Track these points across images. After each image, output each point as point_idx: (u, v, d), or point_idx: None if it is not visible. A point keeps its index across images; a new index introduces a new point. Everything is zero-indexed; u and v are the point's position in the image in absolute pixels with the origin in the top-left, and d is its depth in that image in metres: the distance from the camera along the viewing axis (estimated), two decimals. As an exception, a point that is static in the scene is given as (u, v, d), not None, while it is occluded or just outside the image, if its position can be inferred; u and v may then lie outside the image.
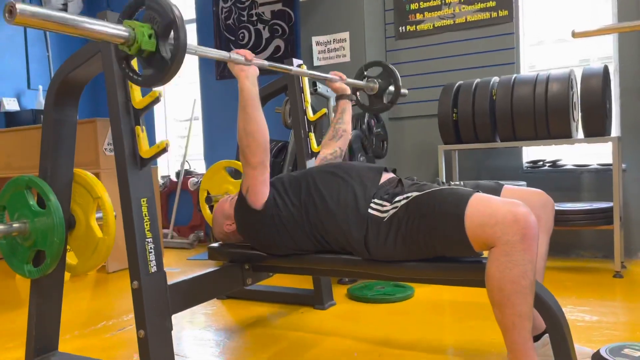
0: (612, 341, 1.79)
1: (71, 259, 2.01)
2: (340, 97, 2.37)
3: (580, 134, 3.16)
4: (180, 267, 3.77)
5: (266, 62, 1.87)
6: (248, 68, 1.76)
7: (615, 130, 3.42)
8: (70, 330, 2.40)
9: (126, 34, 1.27)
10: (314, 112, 2.69)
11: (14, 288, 3.39)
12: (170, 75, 1.29)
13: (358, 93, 2.81)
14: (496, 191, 1.75)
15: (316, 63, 3.90)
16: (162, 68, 1.29)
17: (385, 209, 1.62)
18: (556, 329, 1.45)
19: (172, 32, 1.27)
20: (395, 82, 2.66)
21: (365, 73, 2.71)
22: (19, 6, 1.04)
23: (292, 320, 2.44)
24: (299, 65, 2.63)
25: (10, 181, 1.91)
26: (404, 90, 2.73)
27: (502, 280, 1.38)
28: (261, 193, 1.77)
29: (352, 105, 2.46)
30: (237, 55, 1.73)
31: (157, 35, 1.28)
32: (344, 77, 2.38)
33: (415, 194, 1.58)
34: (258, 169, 1.74)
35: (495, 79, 3.31)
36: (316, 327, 2.33)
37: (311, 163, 2.61)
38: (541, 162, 3.59)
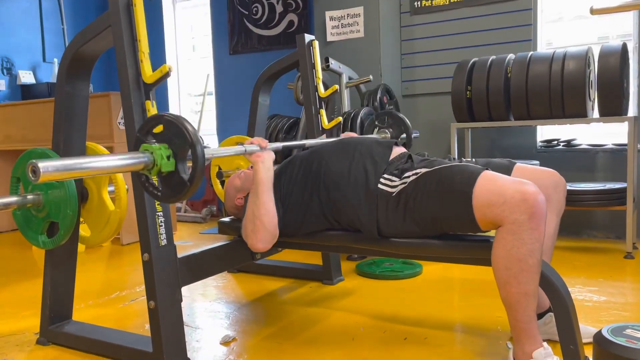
0: (620, 322, 1.79)
1: (84, 231, 2.05)
2: None
3: (595, 113, 3.11)
4: (193, 241, 3.83)
5: (280, 145, 1.92)
6: (264, 153, 1.79)
7: (632, 109, 3.36)
8: (84, 300, 2.46)
9: (145, 159, 1.30)
10: (326, 88, 2.68)
11: (31, 258, 3.48)
12: (189, 194, 1.32)
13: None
14: (508, 169, 1.74)
15: (329, 38, 3.87)
16: (181, 187, 1.31)
17: (394, 184, 1.63)
18: (561, 308, 1.46)
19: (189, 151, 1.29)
20: (407, 130, 2.73)
21: (376, 122, 2.76)
22: (41, 164, 1.12)
23: (301, 295, 2.48)
24: (311, 41, 2.61)
25: (24, 154, 1.94)
26: (415, 134, 2.80)
27: (508, 258, 1.38)
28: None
29: None
30: (252, 146, 1.77)
31: (175, 155, 1.31)
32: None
33: (424, 170, 1.58)
34: (262, 250, 1.77)
35: (511, 56, 3.25)
36: (324, 302, 2.36)
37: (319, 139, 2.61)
38: (555, 142, 3.55)
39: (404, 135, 2.74)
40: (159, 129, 1.35)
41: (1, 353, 1.89)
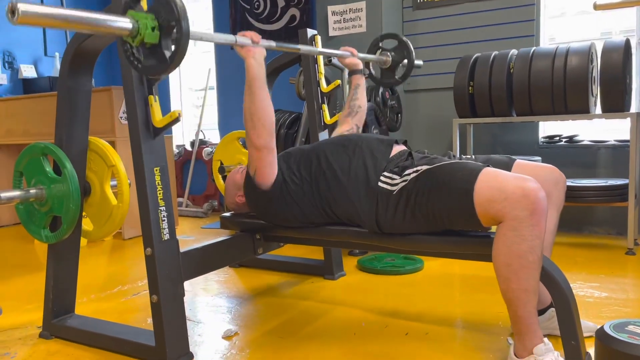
0: (621, 317, 1.80)
1: (87, 225, 2.06)
2: (352, 72, 2.35)
3: (598, 109, 3.11)
4: (195, 235, 3.84)
5: (273, 43, 1.85)
6: (255, 48, 1.74)
7: (635, 106, 3.35)
8: (86, 294, 2.47)
9: (129, 25, 1.26)
10: (328, 83, 2.67)
11: (33, 252, 3.49)
12: (170, 70, 1.29)
13: (371, 65, 2.78)
14: (507, 166, 1.74)
15: (331, 33, 3.86)
16: (163, 61, 1.29)
17: (395, 182, 1.63)
18: (562, 304, 1.46)
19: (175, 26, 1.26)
20: (409, 56, 2.63)
21: (380, 45, 2.68)
22: (21, 6, 1.05)
23: (302, 290, 2.48)
24: (313, 36, 2.61)
25: (26, 148, 1.94)
26: (418, 62, 2.69)
27: (509, 255, 1.39)
28: (268, 175, 1.77)
29: (365, 79, 2.44)
30: (244, 38, 1.71)
31: (160, 28, 1.27)
32: (355, 52, 2.35)
33: (425, 167, 1.58)
34: (263, 151, 1.74)
35: (514, 51, 3.25)
36: (326, 296, 2.37)
37: (324, 135, 2.61)
38: (557, 138, 3.54)
39: (405, 61, 2.67)
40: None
41: (4, 346, 1.90)
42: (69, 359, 1.78)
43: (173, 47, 1.28)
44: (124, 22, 1.27)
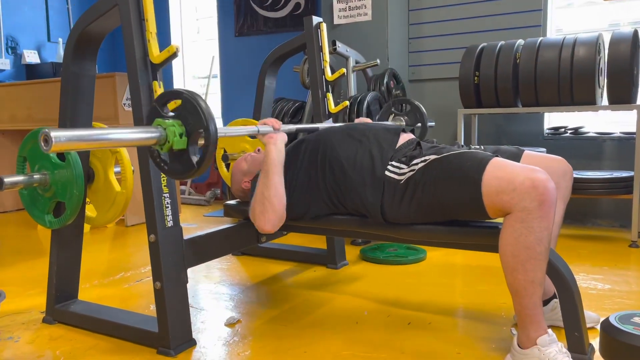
0: (624, 309, 1.79)
1: (90, 211, 2.05)
2: None
3: (604, 101, 3.08)
4: (197, 223, 3.84)
5: (294, 127, 1.90)
6: (276, 135, 1.78)
7: (641, 98, 3.32)
8: (89, 279, 2.48)
9: (158, 134, 1.28)
10: (333, 71, 2.66)
11: (36, 237, 3.49)
12: (196, 175, 1.31)
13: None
14: (516, 156, 1.73)
15: (336, 21, 3.83)
16: (189, 166, 1.30)
17: (402, 171, 1.62)
18: (566, 295, 1.46)
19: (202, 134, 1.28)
20: (422, 119, 2.69)
21: (392, 109, 2.72)
22: (53, 134, 1.10)
23: (305, 279, 2.48)
24: (318, 24, 2.59)
25: (30, 133, 1.93)
26: (431, 123, 2.76)
27: (516, 246, 1.38)
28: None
29: None
30: (265, 126, 1.76)
31: (188, 134, 1.29)
32: (370, 122, 2.34)
33: (433, 157, 1.57)
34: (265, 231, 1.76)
35: (520, 41, 3.22)
36: (328, 285, 2.37)
37: (328, 123, 2.59)
38: (563, 129, 3.52)
39: (419, 125, 2.71)
40: (174, 104, 1.34)
41: (8, 331, 1.91)
42: (72, 344, 1.79)
43: (200, 152, 1.30)
44: (152, 133, 1.28)
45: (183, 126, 1.30)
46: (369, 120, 2.34)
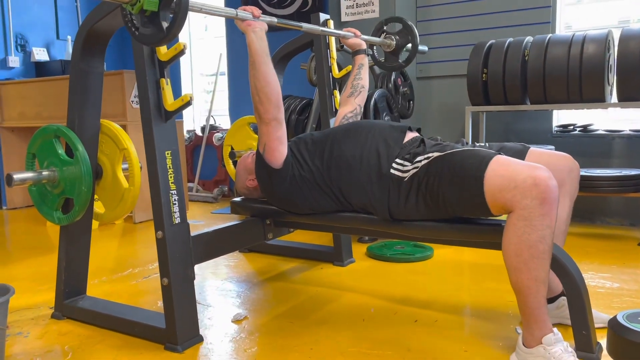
0: (633, 308, 1.78)
1: (98, 207, 2.07)
2: (355, 52, 2.34)
3: (614, 98, 3.06)
4: (204, 220, 3.85)
5: (275, 19, 1.82)
6: (255, 22, 1.72)
7: (651, 95, 3.29)
8: (98, 276, 2.50)
9: None
10: (340, 69, 2.65)
11: (45, 234, 3.52)
12: (166, 41, 1.27)
13: (375, 51, 2.75)
14: (522, 154, 1.72)
15: (344, 19, 3.82)
16: (160, 31, 1.27)
17: (406, 168, 1.62)
18: (574, 293, 1.45)
19: None
20: (413, 40, 2.60)
21: (384, 28, 2.66)
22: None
23: (312, 276, 2.49)
24: (326, 21, 2.58)
25: (39, 130, 1.95)
26: (422, 47, 2.66)
27: (519, 244, 1.37)
28: (278, 150, 1.74)
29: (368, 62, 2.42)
30: (245, 12, 1.69)
31: None
32: (358, 33, 2.35)
33: (436, 154, 1.57)
34: (271, 125, 1.72)
35: (529, 38, 3.20)
36: (335, 283, 2.37)
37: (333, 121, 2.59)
38: (572, 127, 3.50)
39: (409, 45, 2.64)
40: None
41: (17, 326, 1.93)
42: (80, 339, 1.80)
43: (171, 18, 1.26)
44: None
45: None
46: (356, 31, 2.34)
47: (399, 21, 2.65)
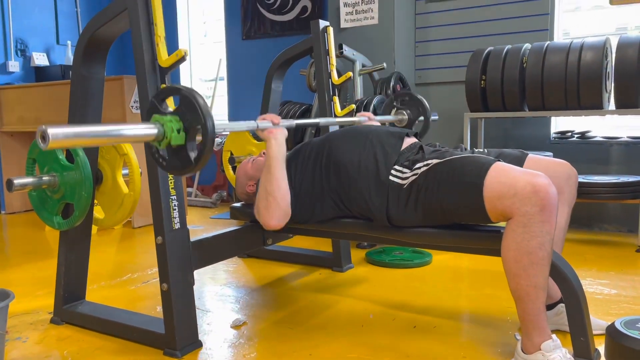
0: (630, 315, 1.79)
1: (98, 213, 2.07)
2: None
3: (612, 105, 3.08)
4: (203, 225, 3.85)
5: (294, 122, 1.89)
6: (276, 129, 1.77)
7: (649, 102, 3.31)
8: (97, 281, 2.50)
9: (155, 131, 1.28)
10: (339, 75, 2.67)
11: (44, 239, 3.52)
12: (194, 171, 1.31)
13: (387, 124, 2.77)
14: (520, 160, 1.72)
15: (343, 25, 3.84)
16: (187, 162, 1.30)
17: (405, 175, 1.62)
18: (572, 300, 1.46)
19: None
20: (425, 113, 2.69)
21: (394, 103, 2.72)
22: (51, 131, 1.09)
23: (310, 281, 2.49)
24: (325, 27, 2.60)
25: (40, 135, 1.95)
26: (434, 117, 2.77)
27: (518, 251, 1.38)
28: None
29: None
30: (264, 122, 1.75)
31: (185, 130, 1.29)
32: (372, 116, 2.34)
33: (435, 161, 1.58)
34: (271, 226, 1.76)
35: (527, 45, 3.22)
36: (333, 288, 2.37)
37: (334, 127, 2.60)
38: (570, 133, 3.52)
39: (421, 118, 2.70)
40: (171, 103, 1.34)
41: (16, 331, 1.92)
42: (79, 345, 1.80)
43: (198, 148, 1.30)
44: (150, 129, 1.28)
45: (181, 122, 1.29)
46: (371, 115, 2.34)
47: (408, 96, 2.75)
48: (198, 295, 2.27)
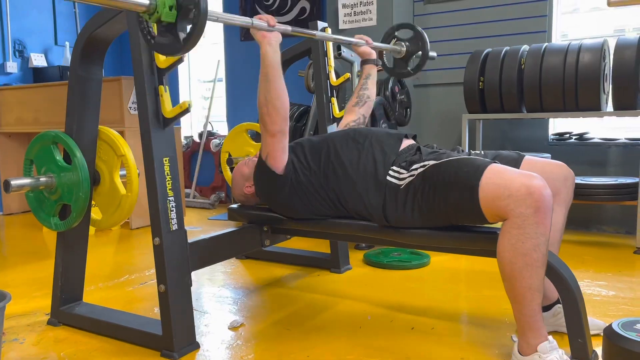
0: (628, 316, 1.79)
1: (96, 214, 2.07)
2: (365, 61, 2.33)
3: (609, 107, 3.08)
4: (201, 226, 3.85)
5: (289, 28, 1.82)
6: (270, 34, 1.72)
7: (646, 104, 3.31)
8: (94, 282, 2.49)
9: (147, 1, 1.24)
10: (337, 76, 2.67)
11: (42, 240, 3.51)
12: (183, 51, 1.27)
13: (384, 56, 2.75)
14: (516, 162, 1.73)
15: (341, 26, 3.84)
16: (176, 42, 1.26)
17: (402, 176, 1.63)
18: (570, 301, 1.46)
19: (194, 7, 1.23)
20: (424, 47, 2.59)
21: (395, 34, 2.66)
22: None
23: (308, 283, 2.49)
24: (324, 29, 2.60)
25: (37, 136, 1.95)
26: (432, 54, 2.65)
27: (513, 253, 1.38)
28: (281, 159, 1.77)
29: (378, 71, 2.42)
30: (260, 21, 1.68)
31: (178, 7, 1.24)
32: (370, 40, 2.32)
33: (432, 162, 1.58)
34: (277, 137, 1.73)
35: (525, 47, 3.22)
36: (331, 290, 2.37)
37: (332, 128, 2.60)
38: (567, 135, 3.52)
39: (419, 53, 2.63)
40: None
41: (13, 332, 1.92)
42: (76, 346, 1.80)
43: (189, 29, 1.25)
44: None
45: None
46: (369, 39, 2.30)
47: (410, 28, 2.66)
48: (196, 297, 2.27)
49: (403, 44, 2.62)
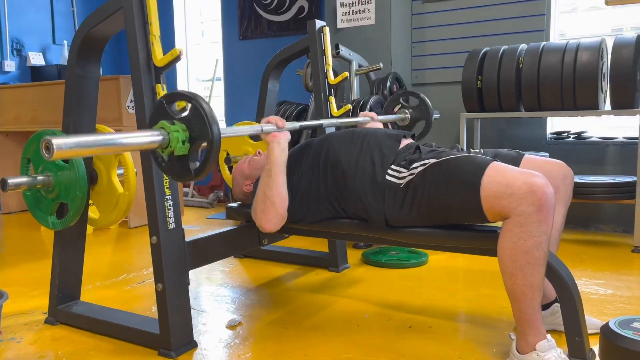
0: (626, 315, 1.79)
1: (93, 212, 2.06)
2: None
3: (607, 106, 3.08)
4: (200, 225, 3.85)
5: (297, 124, 1.87)
6: (281, 133, 1.75)
7: (644, 103, 3.32)
8: (92, 281, 2.49)
9: (160, 139, 1.25)
10: (336, 75, 2.66)
11: (39, 239, 3.51)
12: (195, 180, 1.30)
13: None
14: (516, 160, 1.73)
15: (340, 25, 3.84)
16: (187, 172, 1.28)
17: (402, 175, 1.62)
18: (567, 300, 1.46)
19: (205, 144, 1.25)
20: (428, 118, 2.68)
21: (400, 100, 2.73)
22: (55, 142, 1.06)
23: (306, 281, 2.49)
24: (321, 27, 2.60)
25: (34, 135, 1.95)
26: (435, 115, 2.79)
27: (515, 250, 1.38)
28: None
29: None
30: (269, 125, 1.73)
31: (191, 141, 1.26)
32: (375, 116, 2.32)
33: (432, 160, 1.58)
34: (267, 229, 1.76)
35: (523, 46, 3.22)
36: (329, 288, 2.37)
37: (330, 129, 2.60)
38: (566, 134, 3.52)
39: (423, 120, 2.70)
40: (181, 104, 1.30)
41: (10, 331, 1.92)
42: (74, 345, 1.80)
43: (199, 163, 1.28)
44: (155, 137, 1.25)
45: (187, 132, 1.26)
46: (374, 115, 2.32)
47: (416, 96, 2.74)
48: (193, 296, 2.27)
49: (407, 111, 2.70)
